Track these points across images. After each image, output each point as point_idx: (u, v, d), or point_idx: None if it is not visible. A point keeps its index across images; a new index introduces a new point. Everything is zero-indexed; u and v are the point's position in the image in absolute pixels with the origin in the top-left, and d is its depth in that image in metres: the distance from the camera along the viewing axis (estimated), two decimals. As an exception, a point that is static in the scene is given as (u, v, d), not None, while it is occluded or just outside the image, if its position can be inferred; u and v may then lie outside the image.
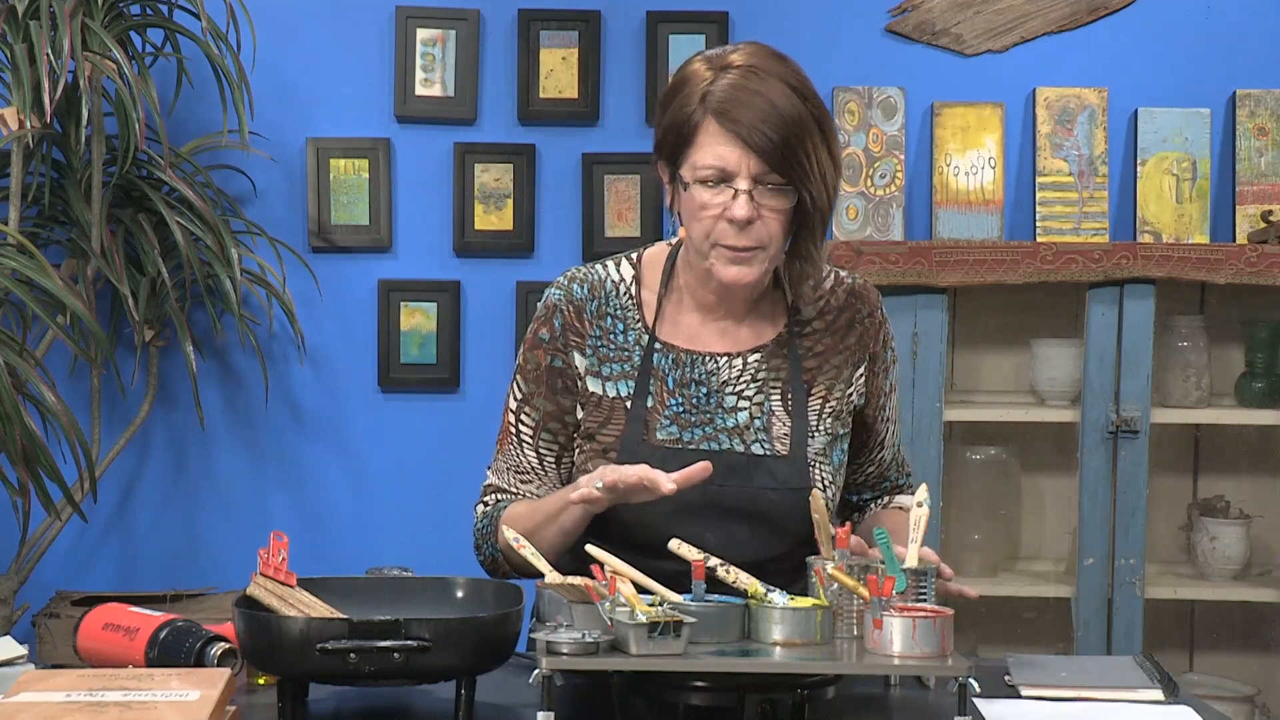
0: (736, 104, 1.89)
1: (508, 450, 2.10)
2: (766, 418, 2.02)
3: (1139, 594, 3.25)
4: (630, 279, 2.08)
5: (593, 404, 2.04)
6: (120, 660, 1.84)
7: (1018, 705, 1.84)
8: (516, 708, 1.81)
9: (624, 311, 2.06)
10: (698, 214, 1.94)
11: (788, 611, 1.71)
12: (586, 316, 2.06)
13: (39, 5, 2.98)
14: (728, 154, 1.90)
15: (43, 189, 3.17)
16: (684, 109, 1.93)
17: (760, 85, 1.90)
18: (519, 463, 2.09)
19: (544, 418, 2.06)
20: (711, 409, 2.02)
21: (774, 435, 2.02)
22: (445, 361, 3.56)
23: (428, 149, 3.57)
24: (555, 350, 2.06)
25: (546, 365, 2.06)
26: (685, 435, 2.00)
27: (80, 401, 3.39)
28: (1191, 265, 3.20)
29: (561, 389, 2.05)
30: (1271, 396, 3.33)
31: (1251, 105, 3.51)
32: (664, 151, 1.99)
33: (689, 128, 1.92)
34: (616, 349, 2.04)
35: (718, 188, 1.92)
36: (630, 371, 2.03)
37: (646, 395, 2.01)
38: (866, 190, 3.49)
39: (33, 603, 3.33)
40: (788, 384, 2.04)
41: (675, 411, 2.01)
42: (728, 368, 2.04)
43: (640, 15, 3.56)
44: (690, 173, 1.93)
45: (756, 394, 2.03)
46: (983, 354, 3.53)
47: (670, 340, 2.05)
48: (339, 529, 3.59)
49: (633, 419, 2.00)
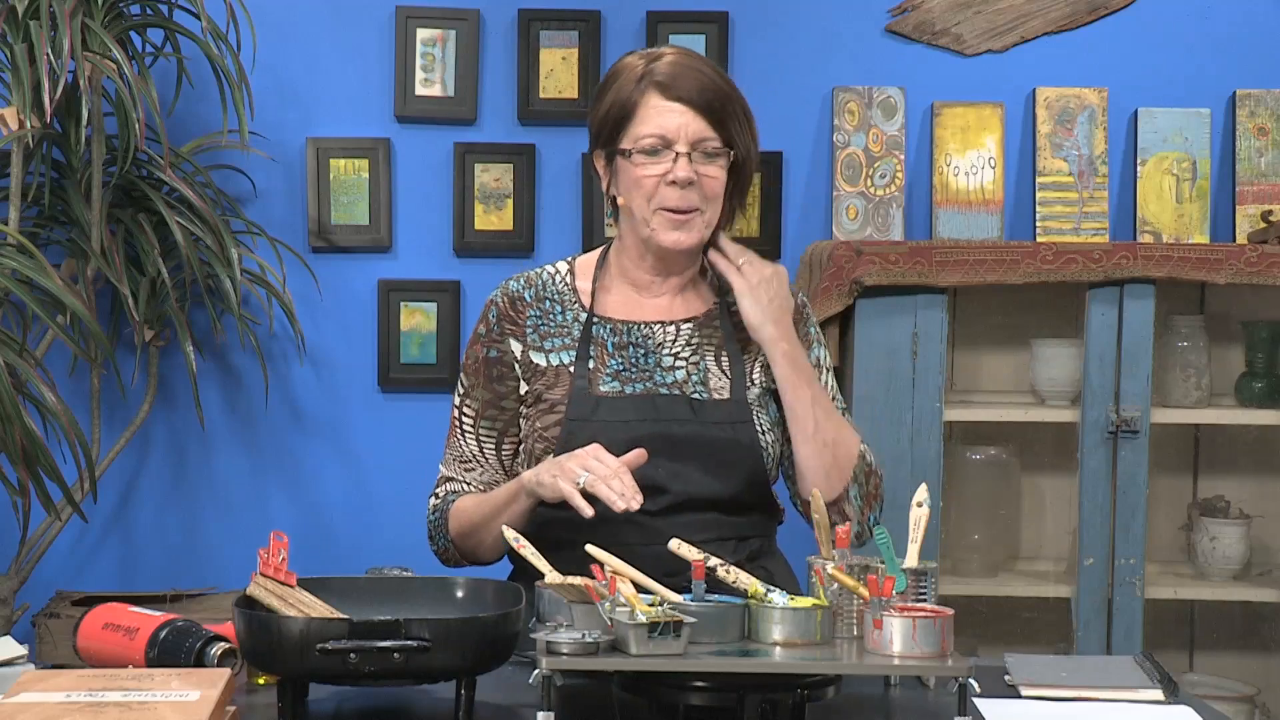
0: (676, 76, 2.11)
1: (453, 442, 2.28)
2: (703, 374, 2.18)
3: (1139, 594, 3.25)
4: (565, 272, 2.26)
5: (538, 372, 2.19)
6: (120, 660, 1.84)
7: (1018, 705, 1.84)
8: (516, 708, 1.81)
9: (561, 296, 2.23)
10: (640, 182, 2.12)
11: (788, 611, 1.71)
12: (522, 305, 2.22)
13: (39, 5, 2.98)
14: (667, 122, 2.10)
15: (43, 189, 3.17)
16: (622, 91, 2.14)
17: (695, 64, 2.14)
18: (462, 452, 2.27)
19: (482, 406, 2.23)
20: (650, 367, 2.18)
21: (711, 386, 2.17)
22: (445, 361, 3.56)
23: (428, 149, 3.57)
24: (490, 342, 2.23)
25: (483, 357, 2.23)
26: (627, 389, 2.15)
27: (80, 401, 3.39)
28: (1191, 265, 3.20)
29: (497, 377, 2.22)
30: (1271, 396, 3.33)
31: (1251, 105, 3.51)
32: (601, 138, 2.18)
33: (629, 105, 2.13)
34: (556, 326, 2.20)
35: (658, 155, 2.11)
36: (571, 344, 2.19)
37: (588, 359, 2.16)
38: (866, 190, 3.49)
39: (33, 603, 3.33)
40: (721, 347, 2.20)
41: (616, 370, 2.17)
42: (663, 332, 2.20)
43: (640, 15, 3.56)
44: (632, 142, 2.12)
45: (692, 355, 2.19)
46: (983, 354, 3.53)
47: (607, 314, 2.21)
48: (339, 529, 3.59)
49: (577, 376, 2.15)
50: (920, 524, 1.85)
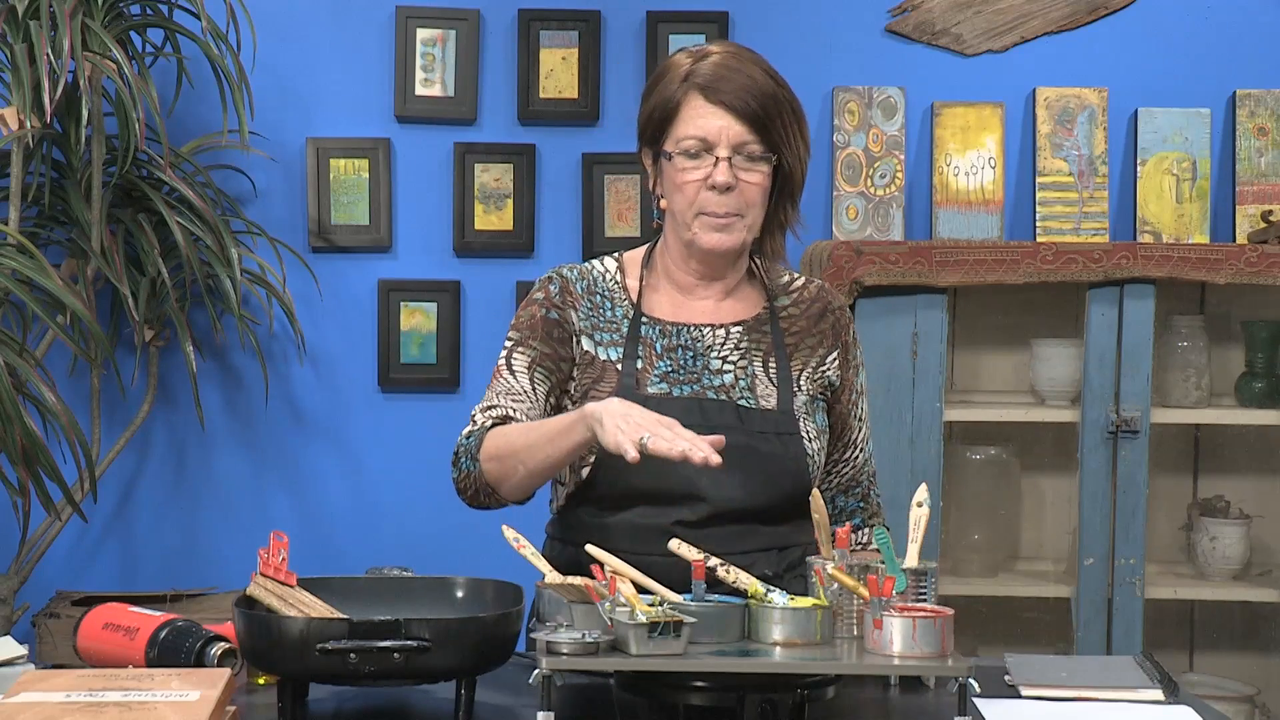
0: (719, 79, 2.07)
1: (499, 382, 2.13)
2: (750, 379, 2.13)
3: (1139, 594, 3.24)
4: (614, 270, 2.21)
5: (586, 363, 2.14)
6: (120, 660, 1.84)
7: (1018, 705, 1.84)
8: (516, 708, 1.81)
9: (611, 293, 2.18)
10: (681, 184, 2.08)
11: (788, 611, 1.71)
12: (578, 291, 2.17)
13: (39, 5, 2.98)
14: (708, 125, 2.06)
15: (43, 189, 3.17)
16: (667, 90, 2.10)
17: (740, 65, 2.08)
18: (511, 386, 2.12)
19: (539, 357, 2.14)
20: (698, 370, 2.13)
21: (758, 394, 2.13)
22: (445, 361, 3.56)
23: (428, 149, 3.57)
24: (551, 305, 2.16)
25: (542, 317, 2.16)
26: (674, 391, 2.11)
27: (80, 401, 3.39)
28: (1191, 265, 3.20)
29: (557, 338, 2.15)
30: (1271, 396, 3.33)
31: (1251, 105, 3.51)
32: (646, 135, 2.15)
33: (672, 105, 2.09)
34: (605, 321, 2.15)
35: (699, 158, 2.07)
36: (619, 340, 2.14)
37: (636, 358, 2.12)
38: (866, 190, 3.49)
39: (33, 603, 3.33)
40: (769, 353, 2.15)
41: (664, 371, 2.12)
42: (711, 336, 2.15)
43: (640, 15, 3.56)
44: (674, 145, 2.08)
45: (740, 359, 2.14)
46: (983, 354, 3.53)
47: (655, 315, 2.16)
48: (339, 529, 3.59)
49: (624, 375, 2.10)
50: (920, 524, 1.85)
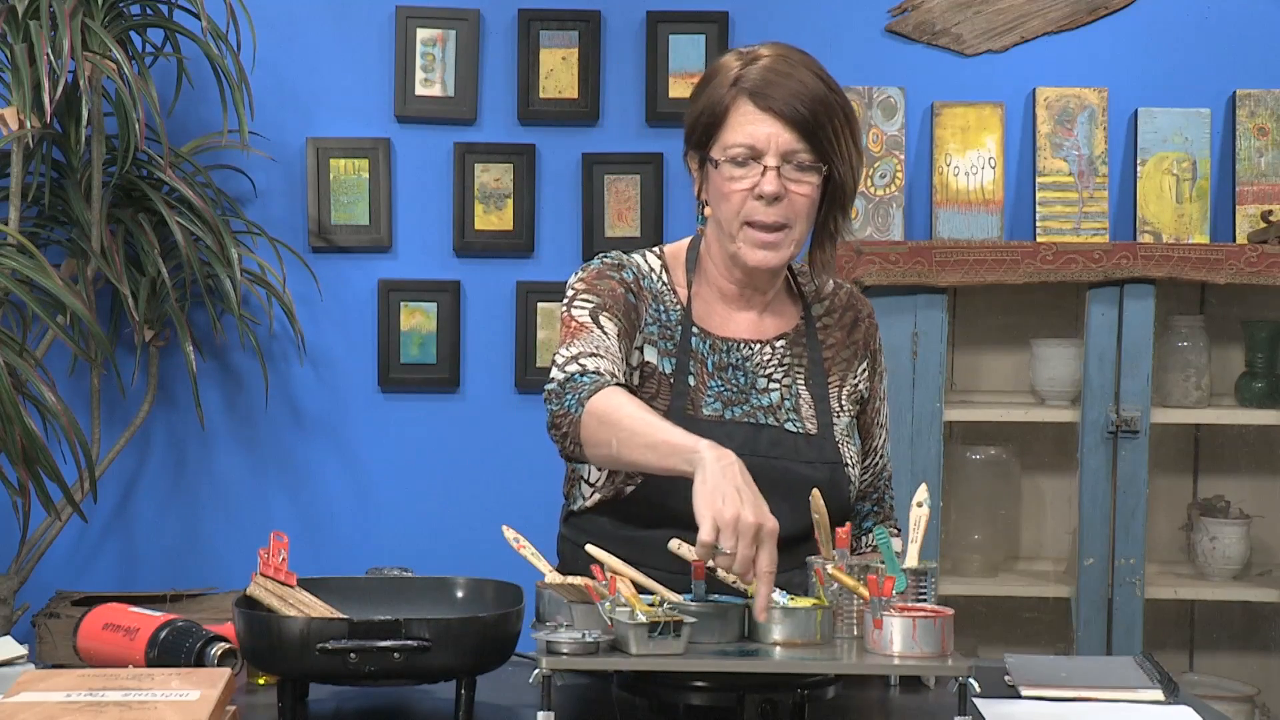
0: (768, 84, 1.98)
1: (585, 337, 2.00)
2: (795, 399, 2.09)
3: (1139, 594, 3.24)
4: (659, 268, 2.13)
5: (643, 366, 2.06)
6: (120, 660, 1.84)
7: (1018, 705, 1.84)
8: (516, 708, 1.81)
9: (660, 294, 2.10)
10: (727, 193, 2.01)
11: (788, 611, 1.71)
12: (644, 287, 2.10)
13: (39, 5, 2.98)
14: (757, 132, 1.98)
15: (43, 189, 3.17)
16: (715, 93, 2.02)
17: (790, 69, 2.00)
18: (606, 345, 2.00)
19: (622, 330, 2.02)
20: (747, 389, 2.08)
21: (803, 415, 2.08)
22: (445, 361, 3.56)
23: (428, 149, 3.57)
24: (629, 289, 2.07)
25: (623, 295, 2.05)
26: (727, 413, 2.05)
27: (80, 401, 3.39)
28: (1191, 265, 3.20)
29: (632, 321, 2.04)
30: (1271, 396, 3.33)
31: (1251, 105, 3.51)
32: (694, 139, 2.07)
33: (720, 109, 2.01)
34: (661, 325, 2.08)
35: (747, 165, 1.99)
36: (672, 350, 2.07)
37: (688, 374, 2.06)
38: (866, 190, 3.49)
39: (33, 603, 3.33)
40: (809, 369, 2.11)
41: (717, 391, 2.06)
42: (759, 354, 2.10)
43: (640, 15, 3.56)
44: (721, 152, 2.01)
45: (784, 377, 2.10)
46: (983, 354, 3.53)
47: (705, 326, 2.10)
48: (339, 529, 3.59)
49: (677, 394, 2.04)
50: (920, 524, 1.85)
